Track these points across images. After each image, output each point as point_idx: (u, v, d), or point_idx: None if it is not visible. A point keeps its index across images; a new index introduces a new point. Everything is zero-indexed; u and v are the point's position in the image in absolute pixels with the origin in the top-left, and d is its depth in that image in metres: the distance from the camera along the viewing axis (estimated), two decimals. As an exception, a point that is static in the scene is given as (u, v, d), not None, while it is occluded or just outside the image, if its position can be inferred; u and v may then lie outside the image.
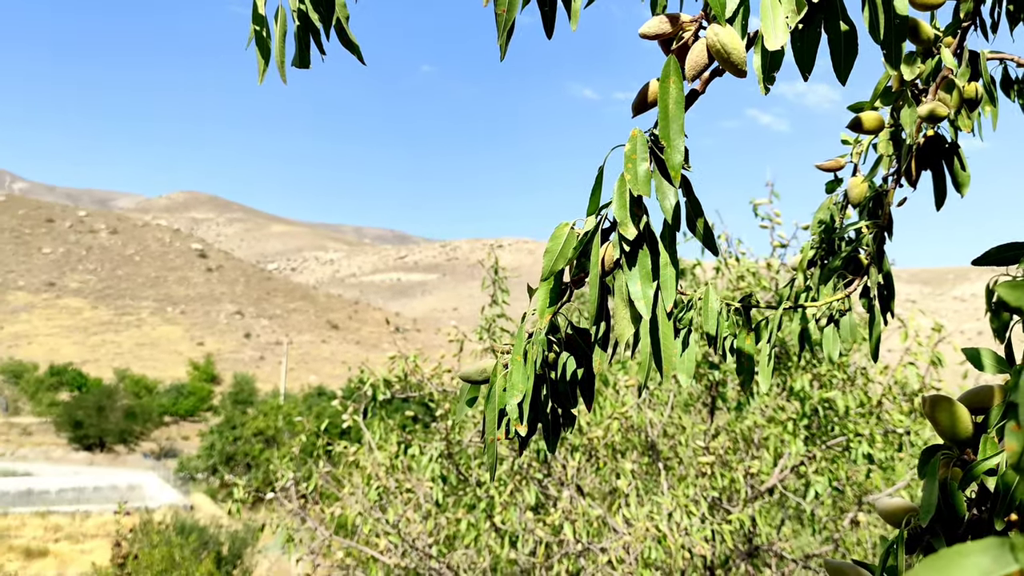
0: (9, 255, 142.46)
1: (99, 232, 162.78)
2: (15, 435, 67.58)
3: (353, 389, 6.12)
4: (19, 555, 34.28)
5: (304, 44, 1.31)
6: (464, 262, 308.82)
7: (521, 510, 5.39)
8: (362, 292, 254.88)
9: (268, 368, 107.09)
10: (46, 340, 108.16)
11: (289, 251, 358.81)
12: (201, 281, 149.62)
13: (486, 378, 1.13)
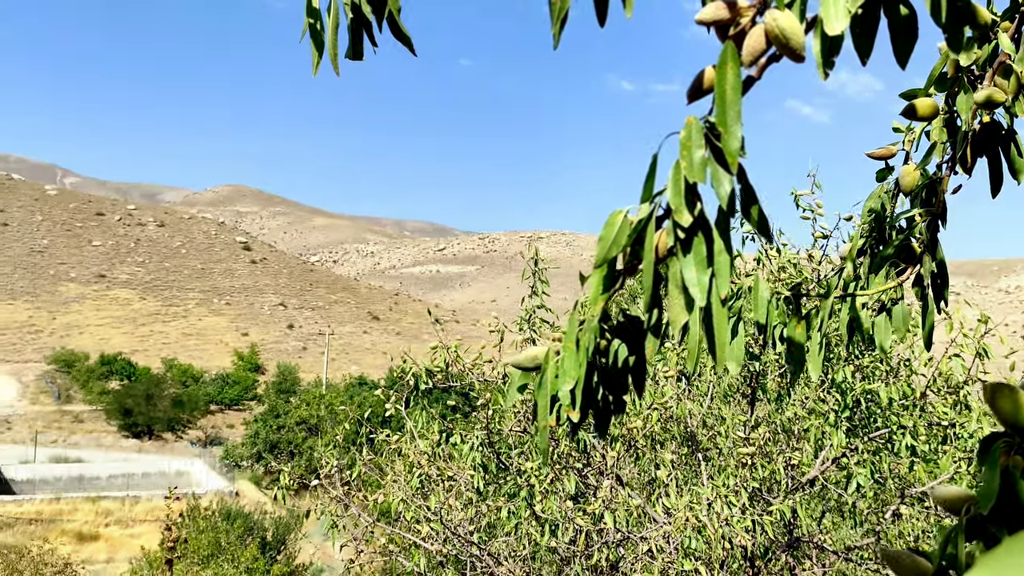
0: (61, 247, 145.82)
1: (147, 225, 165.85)
2: (68, 423, 69.21)
3: (396, 378, 6.18)
4: (72, 539, 35.18)
5: (357, 36, 1.33)
6: (502, 254, 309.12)
7: (561, 499, 5.41)
8: (402, 284, 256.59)
9: (310, 358, 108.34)
10: (97, 330, 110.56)
11: (331, 243, 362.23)
12: (245, 273, 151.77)
13: (537, 365, 1.15)
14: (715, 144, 0.95)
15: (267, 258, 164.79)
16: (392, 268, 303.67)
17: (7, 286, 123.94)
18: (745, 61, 0.96)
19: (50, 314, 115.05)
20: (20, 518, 38.36)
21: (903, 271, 1.69)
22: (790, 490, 5.49)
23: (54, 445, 59.46)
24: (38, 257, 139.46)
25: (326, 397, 54.55)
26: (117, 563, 32.59)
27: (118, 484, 47.54)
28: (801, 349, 1.39)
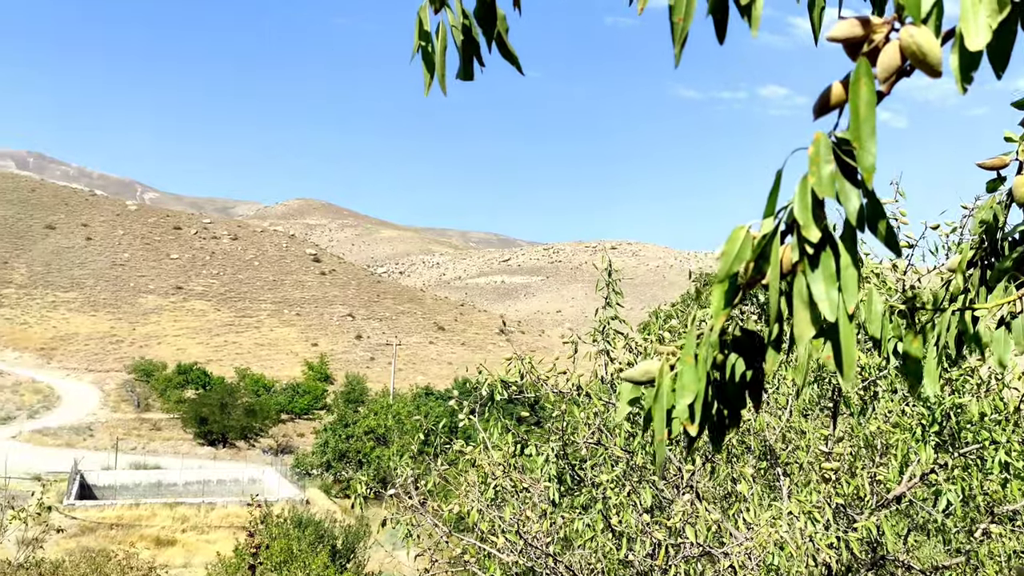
0: (141, 260, 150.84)
1: (221, 238, 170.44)
2: (146, 430, 71.26)
3: (468, 389, 6.23)
4: (150, 543, 36.19)
5: (468, 57, 1.36)
6: (567, 264, 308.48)
7: (638, 512, 5.37)
8: (467, 295, 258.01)
9: (378, 368, 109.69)
10: (174, 340, 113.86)
11: (398, 255, 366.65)
12: (315, 284, 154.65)
13: (650, 379, 1.16)
14: (843, 159, 0.95)
15: (336, 270, 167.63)
16: (457, 279, 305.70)
17: (91, 298, 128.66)
18: (880, 77, 0.97)
19: (130, 325, 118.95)
20: (102, 522, 39.57)
21: (1023, 284, 1.64)
22: (875, 507, 5.35)
23: (134, 452, 61.26)
24: (119, 270, 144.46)
25: (393, 407, 55.16)
26: (194, 568, 33.37)
27: (194, 490, 48.76)
28: (918, 363, 1.37)
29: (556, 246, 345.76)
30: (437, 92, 1.46)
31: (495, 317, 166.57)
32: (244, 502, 44.15)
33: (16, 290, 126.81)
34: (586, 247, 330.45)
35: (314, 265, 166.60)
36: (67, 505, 39.84)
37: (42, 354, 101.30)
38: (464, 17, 1.34)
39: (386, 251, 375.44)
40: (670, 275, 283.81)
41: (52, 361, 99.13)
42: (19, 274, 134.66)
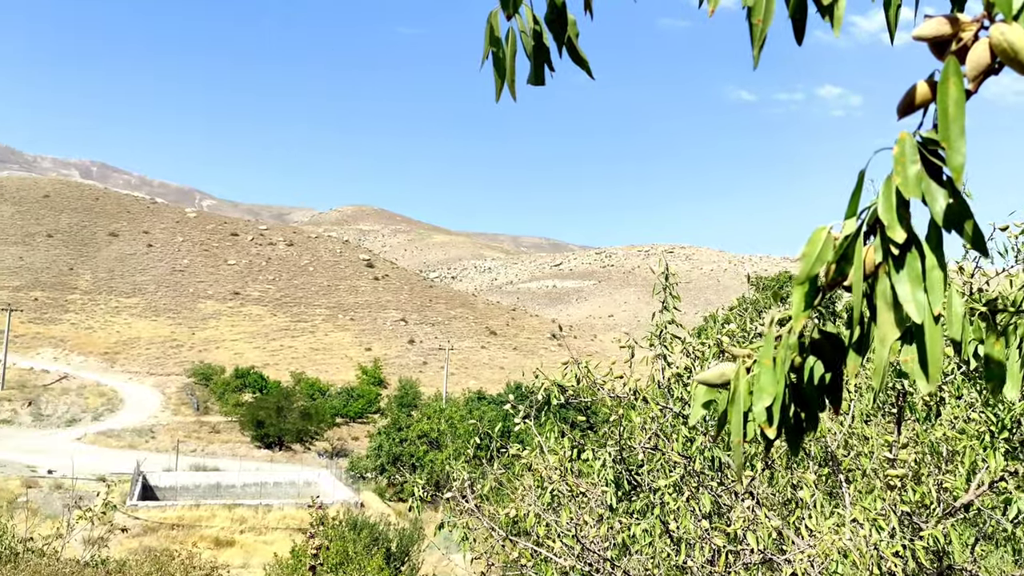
0: (200, 267, 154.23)
1: (277, 244, 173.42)
2: (205, 433, 72.74)
3: (525, 393, 6.25)
4: (210, 543, 36.90)
5: (539, 62, 1.37)
6: (619, 268, 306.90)
7: (697, 517, 5.32)
8: (519, 299, 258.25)
9: (431, 372, 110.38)
10: (232, 345, 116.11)
11: (449, 260, 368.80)
12: (369, 289, 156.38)
13: (725, 382, 1.15)
14: (928, 159, 0.95)
15: (389, 275, 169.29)
16: (509, 284, 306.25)
17: (152, 303, 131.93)
18: (970, 75, 0.96)
19: (190, 329, 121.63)
20: (164, 523, 40.46)
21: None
22: (942, 515, 5.22)
23: (193, 454, 62.56)
24: (179, 276, 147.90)
25: (446, 411, 55.46)
26: (252, 568, 33.93)
27: (251, 492, 49.62)
28: (1001, 367, 1.34)
29: (608, 250, 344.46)
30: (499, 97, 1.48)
31: (547, 322, 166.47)
32: (300, 504, 44.79)
33: (81, 296, 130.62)
34: (638, 251, 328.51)
35: (367, 270, 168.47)
36: (130, 505, 40.83)
37: (106, 358, 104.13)
38: (535, 23, 1.35)
39: (438, 256, 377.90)
40: (724, 279, 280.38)
41: (115, 365, 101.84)
42: (84, 280, 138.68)
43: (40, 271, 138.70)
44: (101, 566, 14.04)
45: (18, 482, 45.53)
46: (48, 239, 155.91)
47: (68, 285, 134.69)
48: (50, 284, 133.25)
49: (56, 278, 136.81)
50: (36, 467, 50.94)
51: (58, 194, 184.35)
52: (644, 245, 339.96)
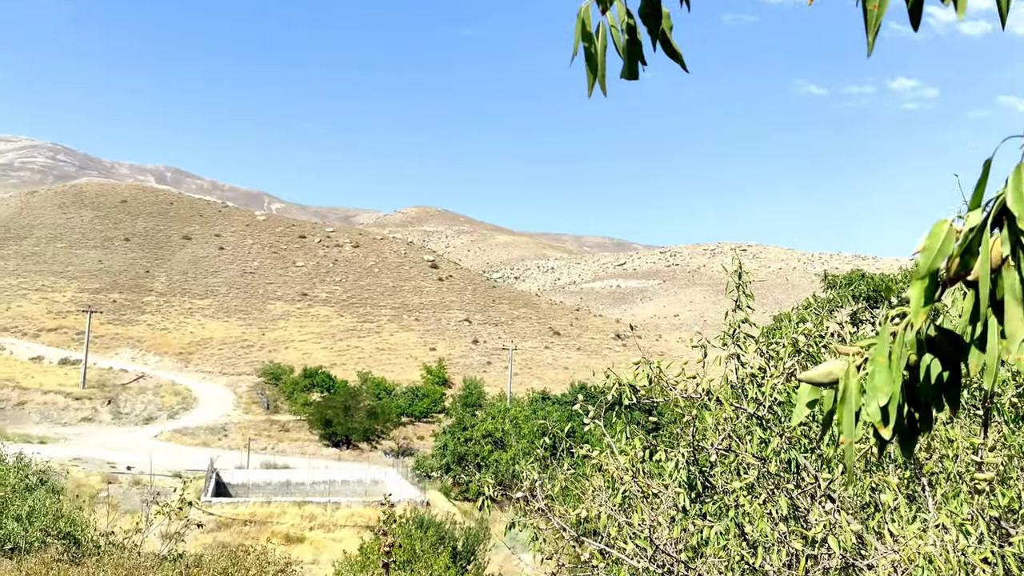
0: (269, 269, 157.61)
1: (343, 246, 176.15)
2: (275, 431, 74.24)
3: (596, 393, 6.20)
4: (281, 540, 37.65)
5: (633, 56, 1.35)
6: (684, 268, 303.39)
7: (774, 521, 5.21)
8: (582, 299, 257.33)
9: (495, 372, 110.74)
10: (300, 345, 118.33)
11: (513, 260, 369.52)
12: (433, 290, 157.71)
13: (833, 380, 1.12)
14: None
15: (453, 276, 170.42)
16: (572, 284, 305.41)
17: (224, 305, 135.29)
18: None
19: (260, 330, 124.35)
20: (236, 519, 41.41)
21: None
22: (1034, 521, 5.01)
23: (264, 452, 63.88)
24: (249, 278, 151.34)
25: (511, 411, 55.56)
26: (321, 565, 34.48)
27: (320, 490, 50.49)
28: None
29: (673, 249, 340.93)
30: (591, 92, 1.46)
31: (611, 322, 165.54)
32: (367, 502, 45.40)
33: (157, 297, 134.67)
34: (704, 250, 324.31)
35: (432, 271, 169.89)
36: (204, 501, 41.88)
37: (180, 358, 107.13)
38: (628, 16, 1.33)
39: (501, 256, 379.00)
40: (793, 277, 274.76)
41: (189, 365, 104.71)
42: (159, 282, 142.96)
43: (118, 274, 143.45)
44: (179, 560, 14.44)
45: (99, 478, 47.14)
46: (126, 243, 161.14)
47: (144, 287, 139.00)
48: (128, 286, 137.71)
49: (133, 280, 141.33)
50: (115, 463, 52.68)
51: (135, 199, 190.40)
52: (710, 244, 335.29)
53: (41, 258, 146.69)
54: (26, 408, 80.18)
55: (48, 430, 71.23)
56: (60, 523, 17.39)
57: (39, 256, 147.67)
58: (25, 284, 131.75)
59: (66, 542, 16.60)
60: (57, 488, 23.01)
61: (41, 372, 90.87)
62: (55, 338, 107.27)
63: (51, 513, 17.54)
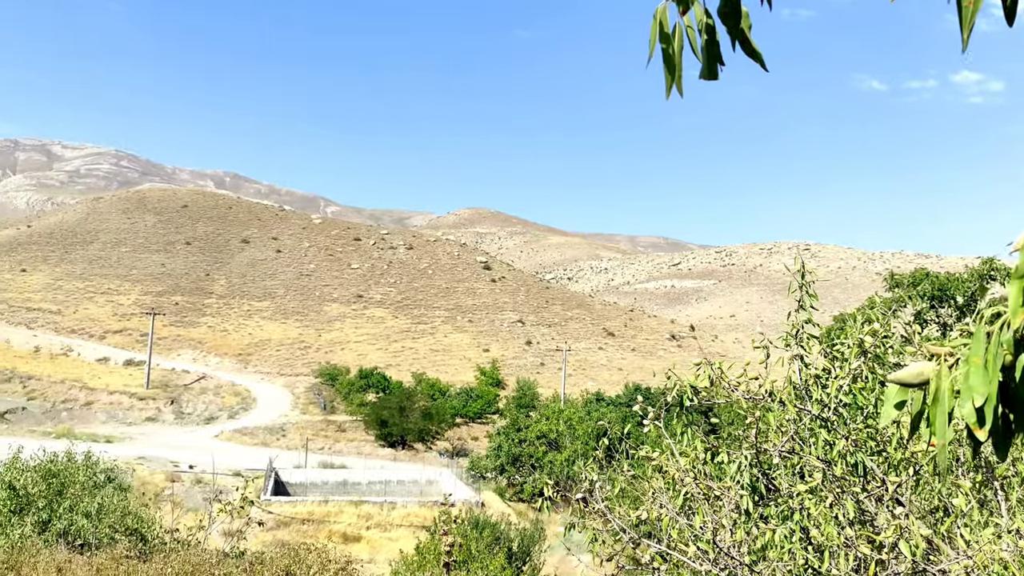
0: (325, 271, 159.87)
1: (398, 248, 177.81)
2: (332, 431, 75.21)
3: (648, 394, 6.17)
4: (339, 538, 38.14)
5: (711, 56, 1.35)
6: (740, 268, 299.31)
7: (840, 525, 5.11)
8: (636, 300, 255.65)
9: (548, 374, 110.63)
10: (356, 346, 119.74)
11: (565, 261, 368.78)
12: (486, 291, 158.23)
13: (923, 381, 1.10)
14: None
15: (506, 277, 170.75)
16: (626, 284, 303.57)
17: (281, 307, 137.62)
18: None
19: (316, 332, 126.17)
20: (295, 518, 42.07)
21: None
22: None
23: (321, 452, 64.76)
24: (306, 280, 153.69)
25: (565, 412, 55.42)
26: (378, 564, 34.83)
27: (376, 490, 51.00)
28: None
29: (728, 248, 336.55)
30: (669, 94, 1.46)
31: (665, 322, 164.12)
32: (423, 502, 45.74)
33: (217, 300, 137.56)
34: (760, 249, 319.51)
35: (485, 273, 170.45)
36: (264, 500, 42.62)
37: (240, 359, 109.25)
38: (707, 16, 1.32)
39: (554, 257, 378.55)
40: (853, 277, 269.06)
41: (248, 366, 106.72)
42: (219, 285, 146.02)
43: (180, 277, 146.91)
44: (241, 558, 14.73)
45: (163, 476, 48.30)
46: (187, 246, 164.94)
47: (205, 290, 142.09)
48: (189, 289, 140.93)
49: (194, 283, 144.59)
50: (178, 462, 53.92)
51: (195, 204, 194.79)
52: (766, 243, 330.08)
53: (107, 262, 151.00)
54: (93, 408, 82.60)
55: (114, 429, 73.27)
56: (127, 520, 17.88)
57: (105, 260, 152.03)
58: (92, 287, 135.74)
59: (133, 538, 17.05)
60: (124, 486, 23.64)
61: (107, 373, 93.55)
62: (120, 340, 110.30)
63: (119, 510, 18.04)
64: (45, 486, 17.40)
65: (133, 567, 10.26)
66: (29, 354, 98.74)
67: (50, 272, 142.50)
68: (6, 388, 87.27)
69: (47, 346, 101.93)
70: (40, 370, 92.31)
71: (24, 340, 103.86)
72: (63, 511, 16.87)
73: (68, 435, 61.96)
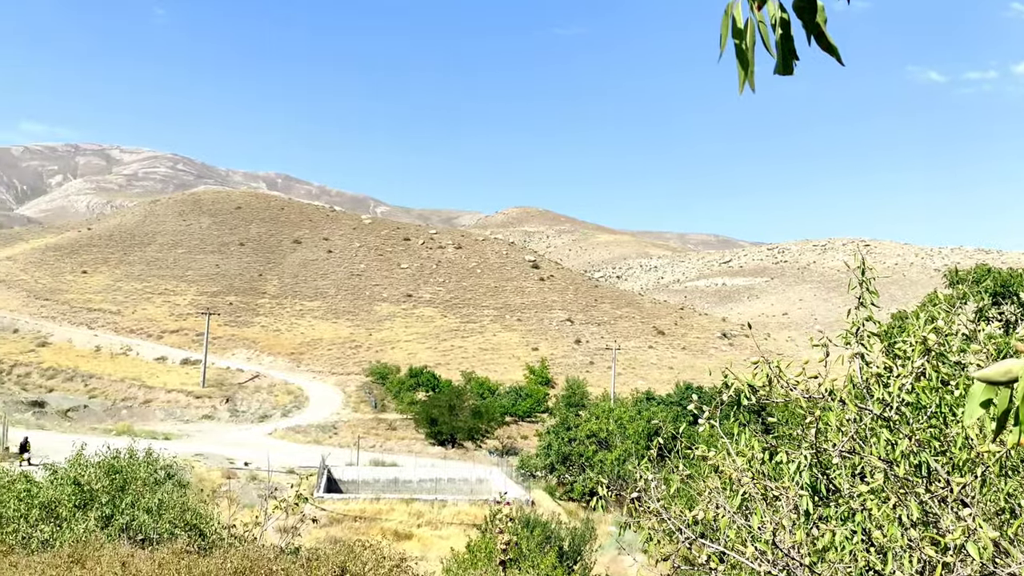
0: (375, 270, 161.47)
1: (446, 248, 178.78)
2: (383, 430, 75.97)
3: (701, 393, 6.11)
4: (390, 536, 38.50)
5: (787, 52, 1.33)
6: (793, 264, 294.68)
7: (904, 526, 5.01)
8: (687, 298, 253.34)
9: (597, 372, 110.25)
10: (406, 345, 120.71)
11: (614, 259, 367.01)
12: (535, 290, 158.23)
13: (1011, 379, 1.08)
14: None
15: (554, 275, 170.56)
16: (676, 282, 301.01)
17: (332, 307, 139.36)
18: None
19: (367, 331, 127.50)
20: (347, 515, 42.58)
21: None
22: None
23: (372, 450, 65.44)
24: (357, 280, 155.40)
25: (615, 411, 55.17)
26: (429, 562, 35.03)
27: (427, 488, 51.35)
28: None
29: (781, 245, 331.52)
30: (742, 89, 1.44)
31: (716, 321, 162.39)
32: (473, 500, 45.93)
33: (269, 300, 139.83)
34: (814, 246, 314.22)
35: (533, 271, 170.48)
36: (317, 497, 43.22)
37: (292, 358, 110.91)
38: (781, 10, 1.31)
39: (603, 255, 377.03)
40: (911, 273, 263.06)
41: (301, 365, 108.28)
42: (272, 285, 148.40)
43: (234, 277, 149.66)
44: (296, 554, 14.96)
45: (219, 473, 49.25)
46: (240, 247, 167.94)
47: (258, 290, 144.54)
48: (243, 289, 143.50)
49: (248, 284, 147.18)
50: (234, 459, 54.94)
51: (248, 205, 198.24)
52: (820, 240, 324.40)
53: (163, 263, 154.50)
54: (151, 406, 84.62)
55: (172, 427, 74.98)
56: (187, 515, 18.28)
57: (161, 261, 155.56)
58: (149, 288, 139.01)
59: (192, 534, 17.43)
60: (183, 482, 24.18)
61: (165, 372, 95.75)
62: (177, 339, 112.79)
63: (178, 506, 18.46)
64: (108, 482, 17.87)
65: (194, 561, 10.49)
66: (90, 353, 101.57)
67: (110, 273, 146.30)
68: (69, 387, 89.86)
69: (107, 346, 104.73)
70: (101, 369, 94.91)
71: (86, 340, 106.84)
72: (125, 506, 17.31)
73: (128, 432, 63.58)
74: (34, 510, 16.95)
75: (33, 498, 17.25)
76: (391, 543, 33.44)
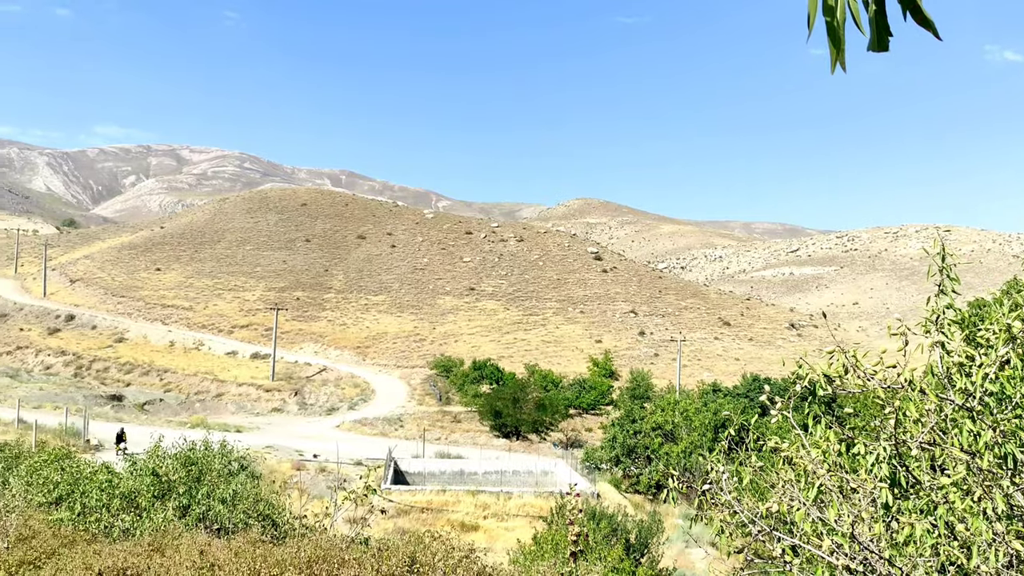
0: (438, 264, 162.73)
1: (508, 241, 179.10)
2: (447, 422, 76.61)
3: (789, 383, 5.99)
4: (457, 527, 38.83)
5: (882, 28, 1.29)
6: (863, 253, 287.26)
7: (990, 520, 4.85)
8: (753, 288, 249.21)
9: (662, 364, 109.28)
10: (469, 338, 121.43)
11: (678, 250, 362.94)
12: (597, 282, 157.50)
13: None
14: None
15: (617, 267, 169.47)
16: (742, 272, 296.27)
17: (397, 300, 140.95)
18: None
19: (431, 324, 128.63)
20: (414, 506, 43.08)
21: None
22: None
23: (438, 442, 66.05)
24: (420, 274, 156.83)
25: (681, 404, 54.65)
26: (495, 553, 35.24)
27: (492, 480, 51.63)
28: None
29: (851, 233, 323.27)
30: (834, 68, 1.40)
31: (784, 311, 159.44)
32: (538, 492, 46.02)
33: (335, 295, 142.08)
34: (886, 233, 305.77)
35: (596, 263, 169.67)
36: (384, 489, 43.83)
37: (358, 352, 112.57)
38: (876, -14, 1.27)
39: (666, 246, 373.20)
40: (988, 260, 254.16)
41: (366, 359, 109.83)
42: (337, 280, 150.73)
43: (300, 273, 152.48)
44: (366, 544, 15.19)
45: (289, 464, 50.31)
46: (306, 243, 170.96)
47: (324, 285, 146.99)
48: (309, 285, 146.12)
49: (314, 279, 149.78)
50: (303, 451, 56.08)
51: (313, 202, 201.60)
52: (892, 227, 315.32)
53: (233, 260, 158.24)
54: (223, 399, 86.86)
55: (243, 419, 76.82)
56: (260, 506, 18.73)
57: (231, 258, 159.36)
58: (220, 284, 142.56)
59: (265, 524, 17.86)
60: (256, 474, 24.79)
61: (235, 366, 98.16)
62: (246, 334, 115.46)
63: (251, 497, 18.92)
64: (184, 473, 18.41)
65: (268, 550, 10.75)
66: (165, 348, 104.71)
67: (182, 270, 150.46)
68: (145, 381, 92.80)
69: (181, 341, 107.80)
70: (175, 364, 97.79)
71: (160, 336, 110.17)
72: (201, 497, 17.81)
73: (202, 425, 65.38)
74: (115, 500, 17.57)
75: (114, 488, 17.88)
76: (458, 535, 33.74)
